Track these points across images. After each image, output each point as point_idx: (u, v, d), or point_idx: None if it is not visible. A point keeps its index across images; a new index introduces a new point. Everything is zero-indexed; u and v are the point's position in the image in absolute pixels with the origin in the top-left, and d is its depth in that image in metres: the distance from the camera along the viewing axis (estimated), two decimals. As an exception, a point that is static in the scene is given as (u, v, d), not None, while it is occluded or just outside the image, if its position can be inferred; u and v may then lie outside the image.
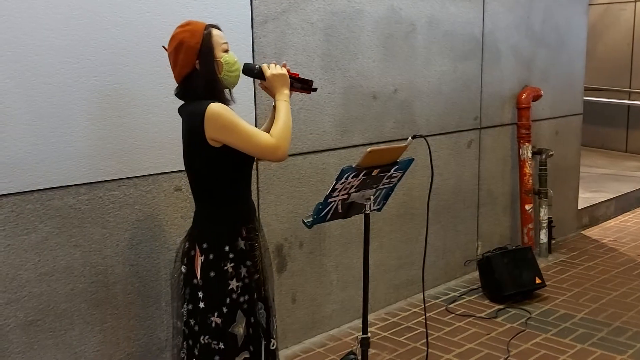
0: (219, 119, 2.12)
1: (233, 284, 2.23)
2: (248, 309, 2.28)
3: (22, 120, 2.41)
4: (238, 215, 2.29)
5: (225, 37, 2.27)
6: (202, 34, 2.18)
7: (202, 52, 2.17)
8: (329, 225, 3.61)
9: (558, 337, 3.56)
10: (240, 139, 2.14)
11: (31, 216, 2.47)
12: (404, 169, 2.42)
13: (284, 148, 2.19)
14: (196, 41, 2.17)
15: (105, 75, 2.61)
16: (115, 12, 2.62)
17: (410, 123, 4.03)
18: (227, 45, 2.24)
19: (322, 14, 3.43)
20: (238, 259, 2.25)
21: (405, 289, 4.17)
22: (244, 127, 2.15)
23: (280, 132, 2.19)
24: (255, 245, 2.32)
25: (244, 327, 2.26)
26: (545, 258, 4.96)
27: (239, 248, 2.26)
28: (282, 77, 2.28)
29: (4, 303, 2.43)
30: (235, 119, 2.14)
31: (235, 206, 2.29)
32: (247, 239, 2.28)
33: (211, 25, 2.24)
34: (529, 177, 4.84)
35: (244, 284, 2.27)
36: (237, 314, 2.24)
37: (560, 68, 5.30)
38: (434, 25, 4.08)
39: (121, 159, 2.68)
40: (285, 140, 2.20)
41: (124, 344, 2.79)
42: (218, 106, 2.13)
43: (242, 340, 2.26)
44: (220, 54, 2.21)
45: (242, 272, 2.26)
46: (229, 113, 2.14)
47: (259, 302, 2.33)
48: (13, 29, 2.35)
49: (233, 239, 2.25)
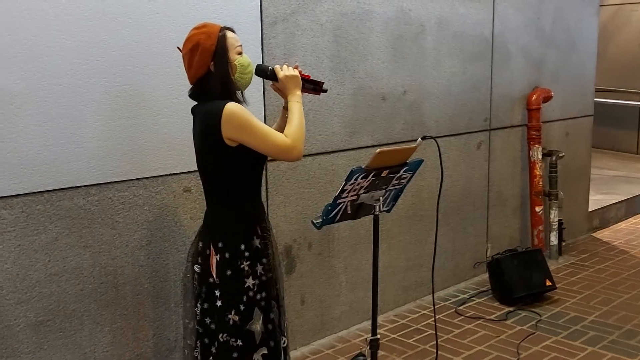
0: (236, 118, 2.15)
1: (249, 282, 2.26)
2: (265, 306, 2.31)
3: (32, 121, 2.42)
4: (253, 214, 2.33)
5: (239, 39, 2.29)
6: (218, 36, 2.21)
7: (217, 54, 2.20)
8: (338, 226, 3.61)
9: (569, 340, 3.53)
10: (256, 138, 2.18)
11: (41, 217, 2.48)
12: (413, 170, 2.41)
13: (299, 148, 2.23)
14: (211, 43, 2.19)
15: (115, 77, 2.62)
16: (125, 14, 2.62)
17: (420, 124, 4.01)
18: (241, 47, 2.28)
19: (332, 15, 3.42)
20: (254, 257, 2.28)
21: (414, 291, 4.16)
22: (261, 127, 2.20)
23: (295, 132, 2.23)
24: (268, 243, 2.35)
25: (262, 323, 2.29)
26: (556, 260, 4.92)
27: (254, 247, 2.29)
28: (294, 78, 2.31)
29: (14, 303, 2.44)
30: (252, 119, 2.18)
31: (250, 205, 2.32)
32: (261, 237, 2.32)
33: (226, 28, 2.26)
34: (539, 179, 4.81)
35: (261, 282, 2.30)
36: (254, 311, 2.27)
37: (570, 69, 5.27)
38: (443, 26, 4.07)
39: (131, 160, 2.69)
40: (300, 140, 2.24)
41: (133, 344, 2.79)
42: (235, 106, 2.17)
43: (260, 337, 2.29)
44: (235, 57, 2.24)
45: (258, 269, 2.29)
46: (245, 113, 2.18)
47: (272, 300, 2.35)
48: (24, 30, 2.37)
49: (249, 238, 2.28)
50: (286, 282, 3.39)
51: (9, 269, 2.42)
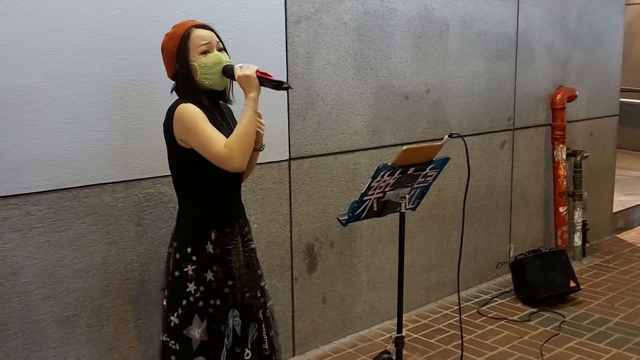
0: (184, 120, 2.10)
1: (191, 287, 2.20)
2: (212, 315, 2.23)
3: (60, 119, 2.45)
4: (208, 218, 2.23)
5: (212, 35, 2.21)
6: (180, 37, 2.17)
7: (178, 55, 2.18)
8: (360, 225, 3.61)
9: (593, 342, 3.49)
10: (199, 143, 2.10)
11: (68, 213, 2.51)
12: (439, 168, 2.40)
13: (237, 159, 2.08)
14: (173, 45, 2.19)
15: (142, 75, 2.64)
16: (151, 12, 2.65)
17: (443, 123, 3.99)
18: (207, 45, 2.17)
19: (355, 13, 3.42)
20: (203, 263, 2.21)
21: (435, 291, 4.14)
22: (205, 132, 2.09)
23: (234, 142, 2.08)
24: (230, 250, 2.24)
25: (202, 332, 2.22)
26: (579, 261, 4.87)
27: (207, 252, 2.22)
28: (246, 78, 2.12)
29: (41, 298, 2.48)
30: (199, 123, 2.09)
31: (206, 209, 2.24)
32: (217, 242, 2.22)
33: (197, 25, 2.20)
34: (563, 179, 4.76)
35: (209, 289, 2.22)
36: (193, 317, 2.21)
37: (595, 68, 5.21)
38: (467, 24, 4.04)
39: (156, 157, 2.71)
40: (238, 150, 2.08)
41: (157, 340, 2.78)
42: (186, 107, 2.11)
43: (198, 344, 2.21)
44: (196, 57, 2.16)
45: (208, 276, 2.22)
46: (194, 115, 2.10)
47: (233, 310, 2.26)
48: (53, 29, 2.40)
49: (199, 242, 2.21)
50: (308, 280, 3.40)
51: (37, 264, 2.45)
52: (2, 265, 2.37)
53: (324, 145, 3.38)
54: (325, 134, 3.38)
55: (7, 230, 2.37)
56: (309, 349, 3.46)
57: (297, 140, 3.25)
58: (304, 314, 3.41)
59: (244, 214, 2.38)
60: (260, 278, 2.41)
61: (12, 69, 2.32)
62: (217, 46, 2.21)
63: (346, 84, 3.43)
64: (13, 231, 2.38)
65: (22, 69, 2.34)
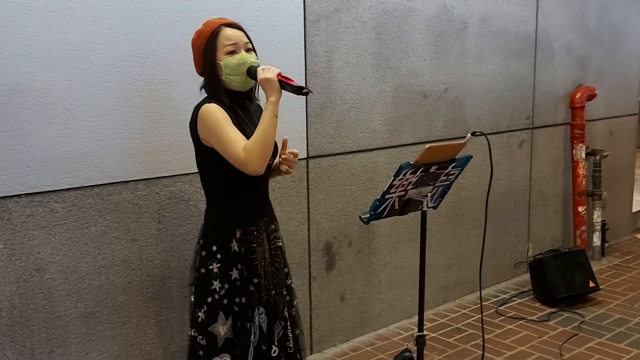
0: (206, 120, 2.11)
1: (216, 285, 2.21)
2: (237, 312, 2.23)
3: (83, 117, 2.48)
4: (232, 216, 2.24)
5: (241, 36, 2.19)
6: (208, 35, 2.17)
7: (205, 54, 2.19)
8: (378, 223, 3.61)
9: (613, 342, 3.47)
10: (219, 145, 2.11)
11: (91, 210, 2.54)
12: (461, 167, 2.40)
13: (254, 163, 2.06)
14: (200, 42, 2.19)
15: (163, 74, 2.66)
16: (172, 12, 2.67)
17: (461, 122, 3.98)
18: (234, 46, 2.16)
19: (374, 12, 3.42)
20: (228, 261, 2.22)
21: (454, 290, 4.13)
22: (225, 134, 2.09)
23: (252, 146, 2.07)
24: (255, 248, 2.25)
25: (228, 329, 2.22)
26: (599, 261, 4.83)
27: (232, 250, 2.22)
28: (267, 82, 2.09)
29: (65, 294, 2.51)
30: (220, 123, 2.10)
31: (230, 207, 2.24)
32: (242, 241, 2.23)
33: (227, 24, 2.19)
34: (582, 179, 4.73)
35: (234, 287, 2.23)
36: (218, 314, 2.21)
37: (615, 67, 5.16)
38: (486, 23, 4.03)
39: (177, 155, 2.73)
40: (256, 155, 2.06)
41: (178, 337, 2.84)
42: (209, 107, 2.12)
43: (223, 341, 2.21)
44: (222, 57, 2.16)
45: (233, 274, 2.23)
46: (216, 116, 2.10)
47: (259, 307, 2.26)
48: (76, 28, 2.42)
49: (224, 240, 2.22)
50: (326, 278, 3.40)
51: (60, 260, 2.48)
52: (26, 262, 2.40)
53: (343, 144, 3.39)
54: (343, 133, 3.38)
55: (32, 227, 2.40)
56: (327, 347, 3.47)
57: (315, 139, 3.26)
58: (322, 312, 3.42)
59: (270, 212, 2.38)
60: (287, 276, 2.41)
61: (36, 67, 2.35)
62: (245, 47, 2.19)
63: (365, 82, 3.44)
64: (37, 228, 2.41)
65: (46, 67, 2.37)
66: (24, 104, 2.33)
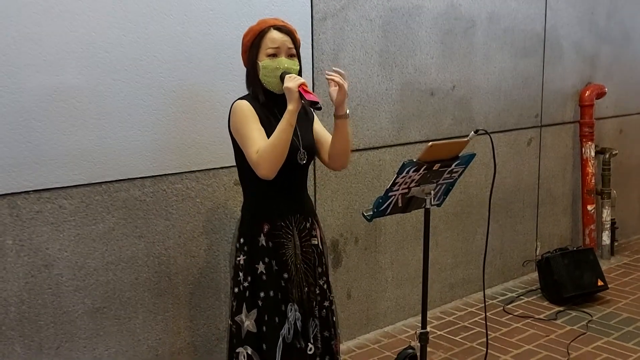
0: (234, 116, 2.20)
1: (241, 276, 2.28)
2: (262, 306, 2.25)
3: (91, 115, 2.50)
4: (260, 211, 2.28)
5: (286, 40, 2.22)
6: (255, 34, 2.24)
7: (249, 51, 2.26)
8: (384, 221, 3.61)
9: (620, 341, 3.45)
10: (240, 141, 2.20)
11: (99, 207, 2.56)
12: (465, 164, 2.39)
13: (265, 167, 2.10)
14: (248, 39, 2.27)
15: (170, 72, 2.68)
16: (180, 10, 2.68)
17: (469, 120, 3.98)
18: (276, 50, 2.20)
19: (381, 10, 3.42)
20: (255, 254, 2.26)
21: (460, 288, 4.13)
22: (248, 132, 2.15)
23: (264, 150, 2.10)
24: (284, 243, 2.27)
25: (251, 322, 2.25)
26: (607, 260, 4.81)
27: (259, 244, 2.26)
28: (287, 90, 2.11)
29: (72, 290, 2.53)
30: (244, 121, 2.16)
31: (259, 202, 2.28)
32: (270, 235, 2.26)
33: (276, 27, 2.23)
34: (591, 177, 4.71)
35: (259, 280, 2.25)
36: (242, 305, 2.27)
37: (625, 65, 5.13)
38: (494, 21, 4.02)
39: (184, 152, 2.75)
40: (267, 159, 2.09)
41: (185, 333, 2.86)
42: (238, 104, 2.21)
43: (245, 333, 2.26)
44: (263, 58, 2.21)
45: (259, 268, 2.25)
46: (242, 113, 2.18)
47: (293, 303, 2.27)
48: (85, 26, 2.45)
49: (252, 234, 2.27)
50: (332, 276, 3.41)
51: (68, 256, 2.51)
52: (35, 258, 2.43)
53: (350, 142, 3.39)
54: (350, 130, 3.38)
55: (40, 224, 2.43)
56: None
57: (322, 137, 3.27)
58: (328, 310, 3.43)
59: (307, 209, 2.37)
60: (321, 276, 2.39)
61: (45, 66, 2.37)
62: (288, 52, 2.23)
63: (372, 80, 3.44)
64: (45, 224, 2.44)
65: (55, 66, 2.39)
66: (32, 102, 2.36)
